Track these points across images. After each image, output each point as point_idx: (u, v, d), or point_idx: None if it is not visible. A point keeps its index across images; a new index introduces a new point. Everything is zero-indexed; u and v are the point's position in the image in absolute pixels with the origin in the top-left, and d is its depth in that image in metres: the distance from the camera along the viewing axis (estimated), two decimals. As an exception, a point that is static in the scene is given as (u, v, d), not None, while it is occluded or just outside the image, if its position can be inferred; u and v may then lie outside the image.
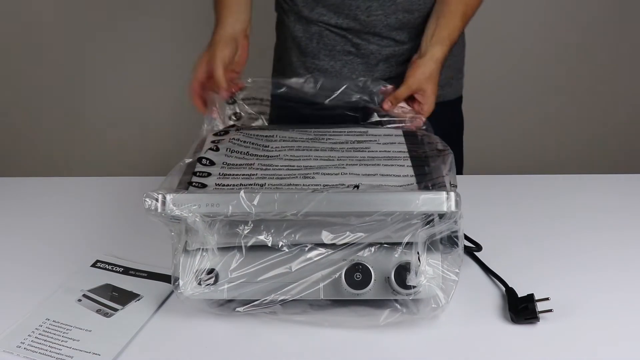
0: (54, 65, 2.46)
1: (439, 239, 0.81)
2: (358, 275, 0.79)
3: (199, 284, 0.80)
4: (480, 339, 0.81)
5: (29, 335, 0.82)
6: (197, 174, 0.86)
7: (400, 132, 0.99)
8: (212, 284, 0.80)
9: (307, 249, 0.80)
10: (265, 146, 0.96)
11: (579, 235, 1.05)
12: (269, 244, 0.79)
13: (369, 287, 0.79)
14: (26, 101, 2.53)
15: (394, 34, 1.28)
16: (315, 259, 0.79)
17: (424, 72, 1.14)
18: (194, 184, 0.84)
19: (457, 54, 1.37)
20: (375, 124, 1.07)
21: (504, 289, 0.89)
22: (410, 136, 0.99)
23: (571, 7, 2.34)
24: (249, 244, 0.80)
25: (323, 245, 0.79)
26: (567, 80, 2.44)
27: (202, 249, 0.81)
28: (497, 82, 2.39)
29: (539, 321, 0.83)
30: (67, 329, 0.83)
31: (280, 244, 0.79)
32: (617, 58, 2.41)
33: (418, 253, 0.79)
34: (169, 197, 0.78)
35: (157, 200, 0.78)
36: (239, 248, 0.80)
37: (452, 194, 0.77)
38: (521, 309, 0.83)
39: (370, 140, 0.97)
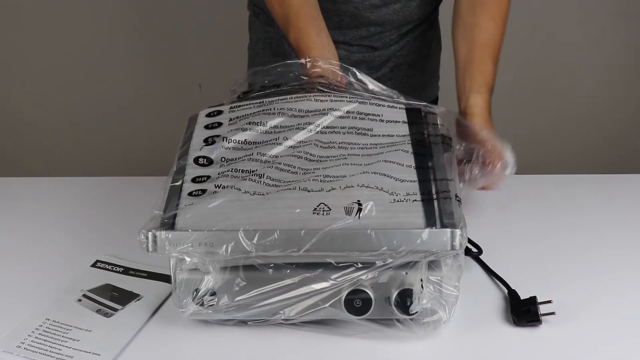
0: (53, 65, 2.46)
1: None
2: (358, 302, 0.78)
3: (199, 304, 0.79)
4: (481, 341, 0.81)
5: (29, 335, 0.81)
6: (196, 179, 0.84)
7: (402, 107, 0.95)
8: (212, 305, 0.79)
9: (309, 274, 0.78)
10: (264, 124, 0.91)
11: (581, 236, 1.04)
12: (271, 271, 0.78)
13: (369, 313, 0.79)
14: (26, 101, 2.53)
15: (364, 42, 1.26)
16: (317, 285, 0.78)
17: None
18: (193, 193, 0.82)
19: (433, 58, 1.36)
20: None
21: (506, 291, 0.88)
22: (413, 113, 0.94)
23: (572, 5, 2.34)
24: (249, 263, 0.78)
25: (323, 267, 0.78)
26: (566, 80, 2.44)
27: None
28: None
29: (541, 324, 0.82)
30: (67, 329, 0.83)
31: (283, 269, 0.78)
32: (617, 57, 2.41)
33: (422, 280, 0.78)
34: (163, 235, 0.76)
35: (152, 239, 0.76)
36: (240, 269, 0.78)
37: (457, 231, 0.74)
38: (523, 311, 0.83)
39: (373, 116, 0.93)
